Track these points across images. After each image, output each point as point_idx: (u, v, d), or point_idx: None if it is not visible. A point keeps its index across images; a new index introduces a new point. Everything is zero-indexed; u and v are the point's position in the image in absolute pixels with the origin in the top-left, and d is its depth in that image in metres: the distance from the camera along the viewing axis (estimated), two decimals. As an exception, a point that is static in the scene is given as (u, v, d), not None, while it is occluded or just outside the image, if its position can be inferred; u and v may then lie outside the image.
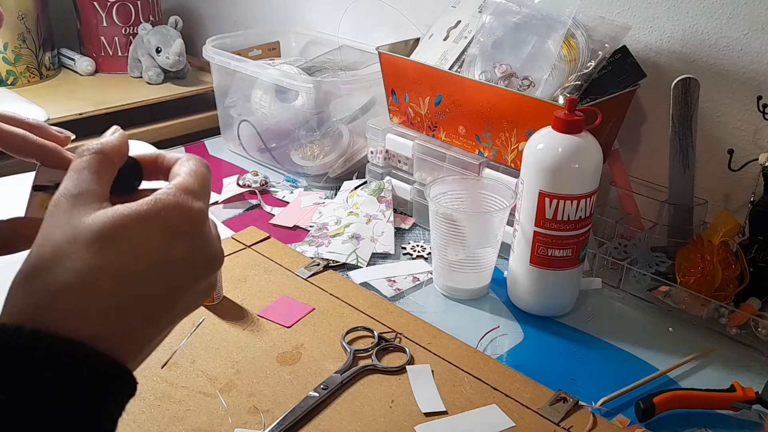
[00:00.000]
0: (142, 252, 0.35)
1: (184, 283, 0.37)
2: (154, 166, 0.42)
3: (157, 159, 0.42)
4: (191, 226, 0.37)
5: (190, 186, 0.38)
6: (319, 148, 1.14)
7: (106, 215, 0.35)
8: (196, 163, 0.40)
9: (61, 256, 0.34)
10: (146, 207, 0.36)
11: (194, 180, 0.39)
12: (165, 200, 0.36)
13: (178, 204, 0.37)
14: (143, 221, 0.35)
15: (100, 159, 0.38)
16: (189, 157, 0.41)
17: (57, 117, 1.25)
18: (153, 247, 0.35)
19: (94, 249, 0.34)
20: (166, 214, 0.36)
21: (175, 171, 0.40)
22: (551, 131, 0.76)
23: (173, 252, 0.36)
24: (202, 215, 0.38)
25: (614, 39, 0.88)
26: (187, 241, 0.37)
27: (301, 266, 0.90)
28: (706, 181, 0.93)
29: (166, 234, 0.36)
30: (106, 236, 0.35)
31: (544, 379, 0.71)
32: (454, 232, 0.83)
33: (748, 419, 0.68)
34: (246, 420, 0.65)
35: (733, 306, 0.80)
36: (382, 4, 1.22)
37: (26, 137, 0.47)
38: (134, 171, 0.42)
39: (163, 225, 0.36)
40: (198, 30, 1.71)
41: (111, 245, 0.35)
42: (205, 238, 0.38)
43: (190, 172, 0.39)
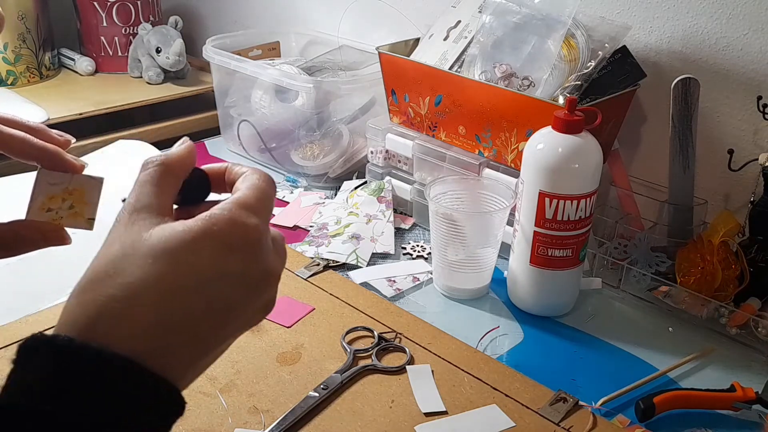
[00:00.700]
0: (193, 268, 0.35)
1: (237, 299, 0.37)
2: (222, 179, 0.42)
3: (225, 172, 0.42)
4: (245, 242, 0.37)
5: (246, 201, 0.38)
6: (319, 148, 1.14)
7: (163, 231, 0.36)
8: (259, 177, 0.40)
9: (116, 270, 0.34)
10: (200, 223, 0.36)
11: (252, 194, 0.39)
12: (218, 216, 0.37)
13: (232, 219, 0.37)
14: (197, 237, 0.36)
15: (162, 172, 0.39)
16: (253, 171, 0.41)
17: (57, 117, 1.25)
18: (204, 263, 0.35)
19: (147, 264, 0.34)
20: (220, 230, 0.36)
21: (237, 185, 0.40)
22: (551, 131, 0.76)
23: (225, 268, 0.36)
24: (256, 230, 0.37)
25: (614, 39, 0.88)
26: (240, 257, 0.37)
27: (301, 266, 0.90)
28: (706, 181, 0.93)
29: (219, 250, 0.36)
30: (160, 252, 0.35)
31: (544, 379, 0.71)
32: (454, 232, 0.83)
33: (748, 419, 0.68)
34: (246, 420, 0.65)
35: (733, 306, 0.80)
36: (382, 4, 1.22)
37: (27, 140, 0.47)
38: (201, 183, 0.42)
39: (215, 241, 0.36)
40: (198, 30, 1.71)
41: (163, 261, 0.35)
42: (259, 253, 0.38)
43: (251, 186, 0.39)
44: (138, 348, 0.33)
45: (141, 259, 0.35)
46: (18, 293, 0.82)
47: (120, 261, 0.35)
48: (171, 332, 0.34)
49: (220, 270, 0.36)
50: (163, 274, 0.34)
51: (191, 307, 0.35)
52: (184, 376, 0.36)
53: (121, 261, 0.35)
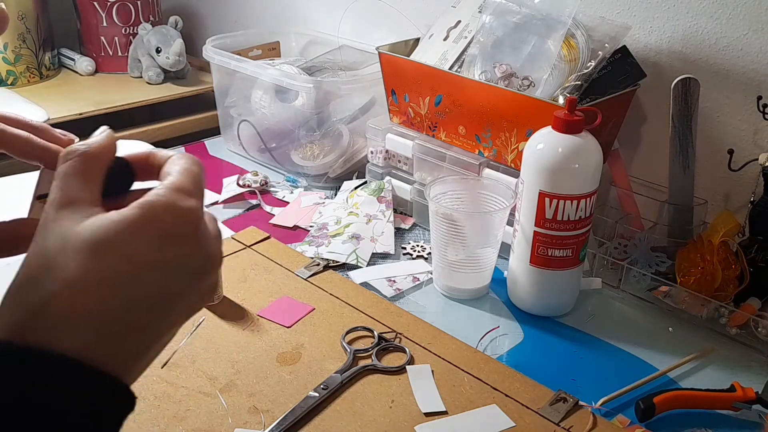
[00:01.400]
0: (132, 257, 0.34)
1: (180, 285, 0.36)
2: (146, 166, 0.41)
3: (149, 158, 0.41)
4: (184, 227, 0.36)
5: (181, 184, 0.37)
6: (319, 148, 1.14)
7: (96, 223, 0.34)
8: (188, 160, 0.39)
9: (50, 267, 0.33)
10: (136, 211, 0.34)
11: (186, 178, 0.37)
12: (155, 201, 0.35)
13: (169, 204, 0.35)
14: (134, 226, 0.34)
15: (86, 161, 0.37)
16: (180, 155, 0.40)
17: (57, 117, 1.25)
18: (144, 251, 0.34)
19: (83, 257, 0.33)
20: (157, 216, 0.35)
21: (166, 170, 0.38)
22: (551, 131, 0.76)
23: (165, 254, 0.35)
24: (195, 214, 0.36)
25: (614, 39, 0.88)
26: (181, 242, 0.35)
27: (301, 266, 0.90)
28: (706, 181, 0.93)
29: (158, 237, 0.35)
30: (96, 244, 0.33)
31: (544, 379, 0.71)
32: (454, 232, 0.83)
33: (748, 419, 0.68)
34: (246, 420, 0.65)
35: (733, 306, 0.80)
36: (382, 4, 1.22)
37: (30, 140, 0.47)
38: (125, 172, 0.40)
39: (154, 227, 0.35)
40: (198, 30, 1.71)
41: (100, 253, 0.33)
42: (200, 238, 0.37)
43: (182, 170, 0.38)
44: (80, 345, 0.32)
45: (76, 252, 0.33)
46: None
47: (54, 257, 0.33)
48: (114, 326, 0.33)
49: (161, 258, 0.35)
50: (100, 266, 0.33)
51: (134, 299, 0.34)
52: (132, 369, 0.35)
53: (56, 257, 0.33)
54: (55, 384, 0.31)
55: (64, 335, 0.32)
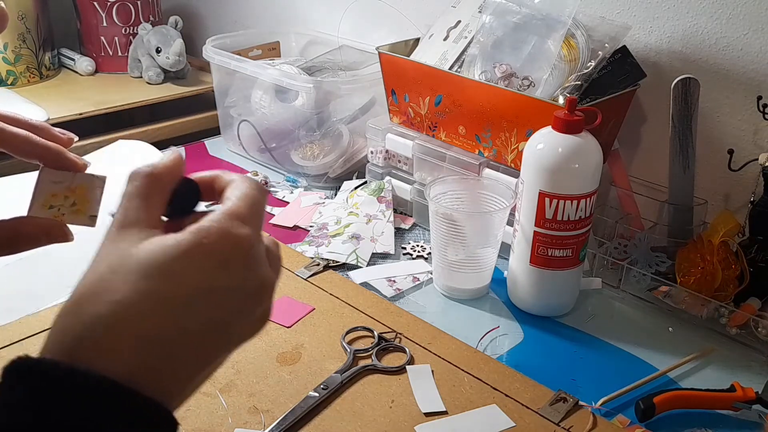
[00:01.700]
0: (184, 282, 0.34)
1: (231, 313, 0.36)
2: (211, 187, 0.41)
3: (214, 180, 0.41)
4: (236, 253, 0.36)
5: (237, 211, 0.37)
6: (319, 148, 1.14)
7: (152, 245, 0.34)
8: (249, 185, 0.39)
9: (103, 287, 0.33)
10: (190, 236, 0.35)
11: (243, 203, 0.37)
12: (209, 228, 0.35)
13: (222, 230, 0.35)
14: (186, 251, 0.34)
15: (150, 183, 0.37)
16: (243, 179, 0.40)
17: (57, 117, 1.25)
18: (196, 277, 0.34)
19: (134, 280, 0.33)
20: (210, 243, 0.35)
21: (227, 195, 0.39)
22: (551, 131, 0.76)
23: (217, 280, 0.35)
24: (248, 241, 0.36)
25: (614, 39, 0.88)
26: (232, 270, 0.35)
27: (301, 266, 0.90)
28: (706, 181, 0.93)
29: (210, 263, 0.35)
30: (148, 268, 0.34)
31: (544, 379, 0.71)
32: (454, 232, 0.83)
33: (748, 419, 0.68)
34: (246, 420, 0.65)
35: (733, 306, 0.80)
36: (382, 4, 1.22)
37: (29, 138, 0.47)
38: (190, 192, 0.40)
39: (206, 254, 0.35)
40: (198, 30, 1.71)
41: (151, 277, 0.33)
42: (252, 266, 0.37)
43: (240, 195, 0.38)
44: (127, 369, 0.32)
45: (129, 275, 0.33)
46: (18, 293, 0.82)
47: (107, 278, 0.33)
48: (161, 351, 0.33)
49: (212, 284, 0.35)
50: (152, 290, 0.33)
51: (183, 324, 0.34)
52: (177, 395, 0.35)
53: (109, 278, 0.33)
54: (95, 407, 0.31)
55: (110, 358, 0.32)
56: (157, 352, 0.33)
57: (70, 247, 0.49)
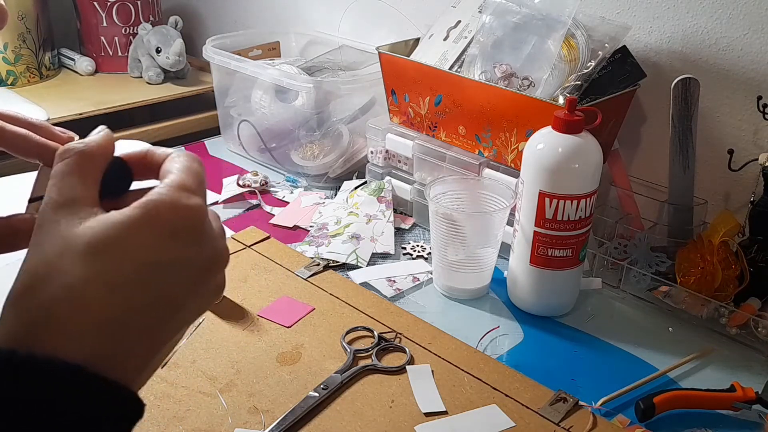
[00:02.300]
0: (137, 258, 0.33)
1: (187, 285, 0.35)
2: (144, 165, 0.39)
3: (146, 156, 0.39)
4: (189, 224, 0.35)
5: (183, 182, 0.35)
6: (319, 148, 1.14)
7: (97, 224, 0.33)
8: (188, 158, 0.38)
9: (52, 271, 0.32)
10: (138, 210, 0.33)
11: (187, 176, 0.36)
12: (159, 200, 0.34)
13: (173, 202, 0.34)
14: (137, 225, 0.33)
15: (83, 160, 0.36)
16: (179, 153, 0.38)
17: (57, 117, 1.25)
18: (148, 251, 0.33)
19: (84, 261, 0.32)
20: (160, 215, 0.34)
21: (167, 168, 0.37)
22: (551, 131, 0.76)
23: (171, 253, 0.34)
24: (200, 211, 0.35)
25: (614, 39, 0.88)
26: (187, 241, 0.34)
27: (301, 266, 0.90)
28: (706, 181, 0.93)
29: (163, 236, 0.34)
30: (97, 246, 0.32)
31: (544, 379, 0.71)
32: (454, 232, 0.83)
33: (748, 419, 0.68)
34: (246, 420, 0.65)
35: (733, 306, 0.80)
36: (382, 4, 1.22)
37: (28, 137, 0.46)
38: (122, 171, 0.38)
39: (159, 227, 0.34)
40: (198, 30, 1.71)
41: (102, 255, 0.32)
42: (206, 236, 0.36)
43: (183, 168, 0.37)
44: (86, 352, 0.31)
45: (77, 255, 0.32)
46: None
47: (54, 261, 0.32)
48: (121, 330, 0.32)
49: (166, 257, 0.33)
50: (103, 269, 0.32)
51: (140, 301, 0.33)
52: (140, 374, 0.34)
53: (56, 261, 0.32)
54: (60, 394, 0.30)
55: (69, 342, 0.31)
56: (114, 332, 0.32)
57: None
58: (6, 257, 0.46)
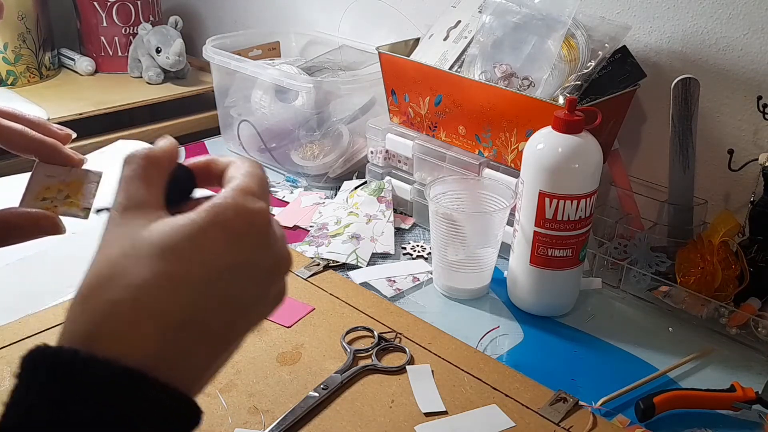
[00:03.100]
0: (203, 260, 0.33)
1: (250, 291, 0.35)
2: (207, 172, 0.39)
3: (209, 164, 0.39)
4: (255, 228, 0.35)
5: (248, 187, 0.36)
6: (319, 148, 1.14)
7: (164, 226, 0.33)
8: (251, 164, 0.38)
9: (118, 272, 0.32)
10: (205, 214, 0.34)
11: (251, 180, 0.36)
12: (224, 204, 0.34)
13: (238, 206, 0.34)
14: (203, 229, 0.33)
15: (148, 165, 0.36)
16: (242, 159, 0.39)
17: (57, 117, 1.25)
18: (214, 255, 0.33)
19: (150, 262, 0.32)
20: (227, 219, 0.34)
21: (230, 174, 0.37)
22: (551, 131, 0.76)
23: (236, 257, 0.34)
24: (265, 215, 0.35)
25: (614, 39, 0.88)
26: (252, 245, 0.34)
27: (301, 266, 0.90)
28: (706, 181, 0.93)
29: (228, 239, 0.34)
30: (164, 248, 0.32)
31: (544, 379, 0.71)
32: (454, 232, 0.83)
33: (748, 419, 0.68)
34: (246, 420, 0.65)
35: (733, 306, 0.80)
36: (382, 4, 1.22)
37: (25, 133, 0.46)
38: (186, 178, 0.39)
39: (225, 230, 0.34)
40: (198, 30, 1.71)
41: (169, 257, 0.32)
42: (270, 240, 0.36)
43: (246, 173, 0.37)
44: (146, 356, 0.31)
45: (144, 257, 0.32)
46: (18, 293, 0.82)
47: (120, 262, 0.32)
48: (183, 334, 0.32)
49: (231, 261, 0.33)
50: (169, 271, 0.32)
51: (203, 305, 0.33)
52: (199, 380, 0.34)
53: (123, 262, 0.32)
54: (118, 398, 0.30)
55: (130, 344, 0.31)
56: (176, 336, 0.32)
57: (70, 247, 0.49)
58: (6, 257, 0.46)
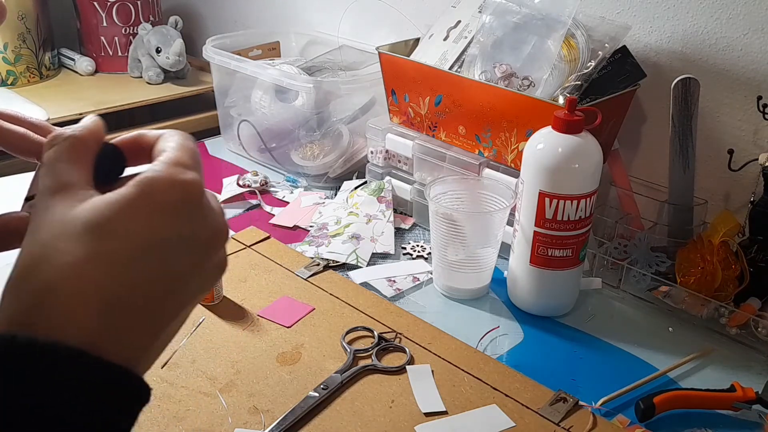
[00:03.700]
0: (135, 235, 0.32)
1: (188, 262, 0.34)
2: (136, 149, 0.38)
3: (138, 140, 0.38)
4: (186, 199, 0.34)
5: (178, 159, 0.35)
6: (319, 148, 1.14)
7: (92, 204, 0.32)
8: (180, 136, 0.37)
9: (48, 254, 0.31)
10: (134, 188, 0.33)
11: (182, 152, 0.35)
12: (154, 177, 0.33)
13: (169, 178, 0.33)
14: (134, 203, 0.32)
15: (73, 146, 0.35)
16: (171, 132, 0.38)
17: (57, 117, 1.25)
18: (147, 228, 0.32)
19: (82, 241, 0.31)
20: (157, 191, 0.33)
21: (160, 147, 0.36)
22: (551, 131, 0.76)
23: (170, 230, 0.33)
24: (197, 186, 0.35)
25: (614, 39, 0.88)
26: (185, 217, 0.34)
27: (301, 266, 0.90)
28: (706, 181, 0.93)
29: (161, 212, 0.33)
30: (95, 226, 0.31)
31: (544, 379, 0.71)
32: (454, 232, 0.83)
33: (748, 419, 0.68)
34: (246, 420, 0.65)
35: (733, 306, 0.80)
36: (382, 4, 1.22)
37: (27, 136, 0.46)
38: (114, 156, 0.38)
39: (155, 203, 0.33)
40: (198, 30, 1.71)
41: (100, 234, 0.31)
42: (204, 211, 0.35)
43: (176, 146, 0.36)
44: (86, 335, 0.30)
45: (74, 236, 0.31)
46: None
47: (51, 243, 0.31)
48: (122, 310, 0.31)
49: (165, 234, 0.33)
50: (102, 249, 0.31)
51: (140, 279, 0.32)
52: (144, 356, 0.33)
53: (53, 243, 0.31)
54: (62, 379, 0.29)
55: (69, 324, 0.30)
56: (116, 314, 0.31)
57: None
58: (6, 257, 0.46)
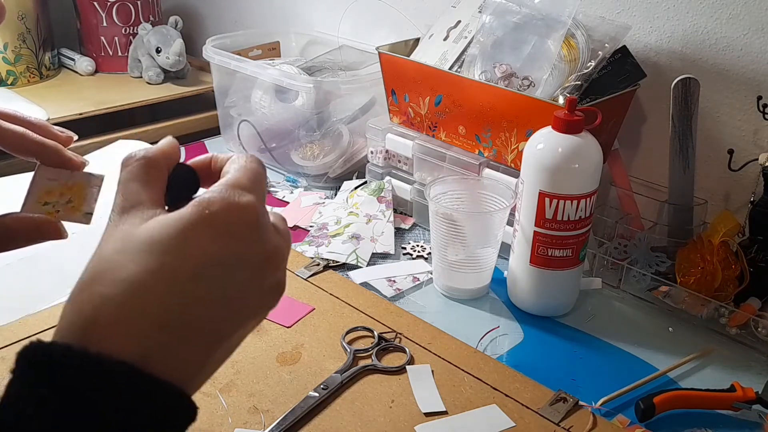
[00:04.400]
0: (190, 256, 0.33)
1: (240, 285, 0.35)
2: (209, 170, 0.40)
3: (211, 163, 0.40)
4: (242, 222, 0.35)
5: (236, 181, 0.36)
6: (319, 148, 1.14)
7: (156, 223, 0.34)
8: (246, 159, 0.39)
9: (110, 267, 0.33)
10: (192, 209, 0.34)
11: (242, 174, 0.37)
12: (210, 199, 0.35)
13: (224, 200, 0.35)
14: (190, 224, 0.34)
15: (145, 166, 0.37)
16: (240, 155, 0.39)
17: (57, 117, 1.25)
18: (201, 249, 0.33)
19: (140, 257, 0.32)
20: (213, 213, 0.34)
21: (225, 169, 0.38)
22: (551, 131, 0.76)
23: (224, 251, 0.34)
24: (252, 209, 0.36)
25: (614, 39, 0.88)
26: (239, 238, 0.35)
27: (301, 266, 0.90)
28: (706, 181, 0.93)
29: (215, 234, 0.34)
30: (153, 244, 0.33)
31: (544, 379, 0.71)
32: (454, 232, 0.83)
33: (748, 419, 0.68)
34: (246, 420, 0.65)
35: (733, 306, 0.80)
36: (382, 4, 1.22)
37: (26, 135, 0.46)
38: (188, 177, 0.39)
39: (211, 225, 0.34)
40: (198, 30, 1.71)
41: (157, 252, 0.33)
42: (259, 232, 0.36)
43: (239, 168, 0.38)
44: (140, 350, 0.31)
45: (134, 253, 0.33)
46: (18, 293, 0.82)
47: (113, 258, 0.33)
48: (173, 327, 0.32)
49: (219, 255, 0.34)
50: (159, 266, 0.32)
51: (192, 299, 0.33)
52: (194, 375, 0.34)
53: (114, 258, 0.33)
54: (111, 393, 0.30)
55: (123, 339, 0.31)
56: (170, 330, 0.32)
57: (70, 248, 0.49)
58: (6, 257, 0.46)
